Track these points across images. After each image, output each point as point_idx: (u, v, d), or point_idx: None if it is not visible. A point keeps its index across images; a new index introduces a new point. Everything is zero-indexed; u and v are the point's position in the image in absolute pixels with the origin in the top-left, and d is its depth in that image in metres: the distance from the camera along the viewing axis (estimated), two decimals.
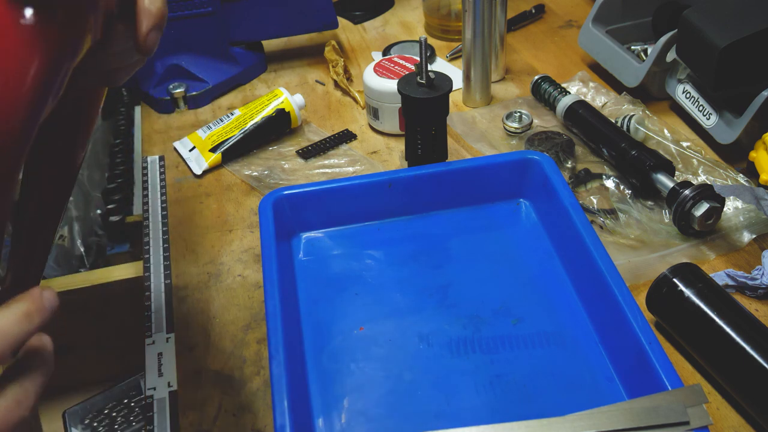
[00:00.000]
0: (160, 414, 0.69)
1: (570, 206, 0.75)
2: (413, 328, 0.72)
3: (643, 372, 0.62)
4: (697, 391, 0.58)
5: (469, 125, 1.01)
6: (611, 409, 0.58)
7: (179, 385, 0.71)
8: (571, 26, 1.24)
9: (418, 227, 0.83)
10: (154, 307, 0.79)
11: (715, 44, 0.84)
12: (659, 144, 0.93)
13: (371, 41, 1.25)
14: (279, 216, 0.78)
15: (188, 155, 1.00)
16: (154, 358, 0.74)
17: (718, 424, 0.64)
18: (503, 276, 0.76)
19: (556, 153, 0.92)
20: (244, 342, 0.74)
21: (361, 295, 0.76)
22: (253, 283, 0.81)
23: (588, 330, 0.70)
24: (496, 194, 0.84)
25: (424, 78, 0.83)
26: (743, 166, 0.89)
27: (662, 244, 0.80)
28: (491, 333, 0.71)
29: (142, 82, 1.11)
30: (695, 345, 0.68)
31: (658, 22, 1.07)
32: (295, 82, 1.16)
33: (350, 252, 0.80)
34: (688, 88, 0.96)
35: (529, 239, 0.80)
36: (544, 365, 0.68)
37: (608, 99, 1.03)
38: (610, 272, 0.68)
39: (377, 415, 0.65)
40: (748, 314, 0.66)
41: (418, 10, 1.31)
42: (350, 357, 0.69)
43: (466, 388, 0.66)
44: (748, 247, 0.80)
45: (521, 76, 1.12)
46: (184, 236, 0.88)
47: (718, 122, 0.91)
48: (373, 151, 0.99)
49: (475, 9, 0.99)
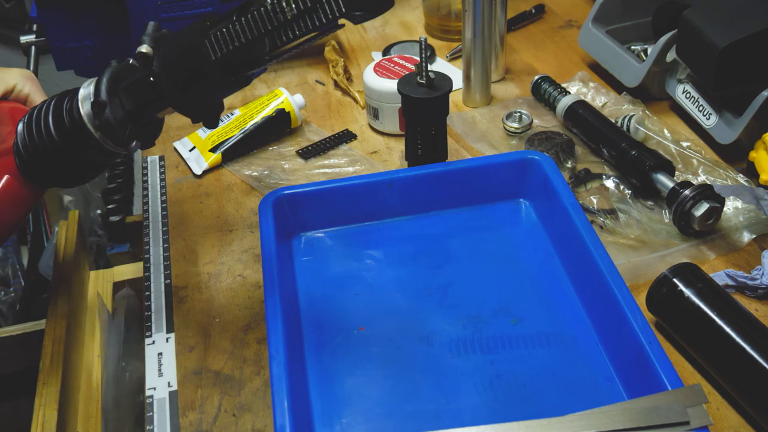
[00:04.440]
0: (159, 414, 0.69)
1: (570, 206, 0.75)
2: (413, 328, 0.72)
3: (643, 372, 0.62)
4: (697, 391, 0.58)
5: (469, 125, 1.01)
6: (611, 409, 0.58)
7: (179, 385, 0.71)
8: (571, 26, 1.24)
9: (418, 227, 0.83)
10: (154, 307, 0.79)
11: (715, 44, 0.84)
12: (659, 144, 0.93)
13: (371, 41, 1.25)
14: (279, 216, 0.78)
15: (188, 155, 1.00)
16: (154, 358, 0.74)
17: (718, 424, 0.64)
18: (503, 276, 0.76)
19: (556, 153, 0.92)
20: (244, 342, 0.74)
21: (361, 295, 0.76)
22: (253, 283, 0.81)
23: (588, 330, 0.70)
24: (496, 194, 0.84)
25: (424, 78, 0.83)
26: (743, 166, 0.89)
27: (662, 244, 0.80)
28: (491, 333, 0.71)
29: None
30: (695, 345, 0.68)
31: (658, 22, 1.07)
32: (295, 82, 1.16)
33: (350, 252, 0.80)
34: (688, 88, 0.96)
35: (529, 239, 0.80)
36: (544, 365, 0.68)
37: (608, 99, 1.03)
38: (610, 272, 0.68)
39: (377, 415, 0.65)
40: (748, 314, 0.66)
41: (418, 10, 1.31)
42: (350, 357, 0.69)
43: (466, 388, 0.66)
44: (748, 247, 0.80)
45: (521, 76, 1.12)
46: (184, 236, 0.88)
47: (718, 122, 0.91)
48: (373, 151, 0.99)
49: (475, 9, 0.99)
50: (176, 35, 0.59)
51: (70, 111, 0.62)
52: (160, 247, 0.87)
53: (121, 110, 0.61)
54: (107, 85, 0.61)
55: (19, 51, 1.16)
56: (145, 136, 0.64)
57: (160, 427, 0.68)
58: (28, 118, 0.65)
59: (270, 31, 0.54)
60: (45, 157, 0.63)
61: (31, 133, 0.64)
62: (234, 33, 0.55)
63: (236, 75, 0.59)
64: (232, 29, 0.55)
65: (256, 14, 0.54)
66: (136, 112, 0.62)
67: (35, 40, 1.12)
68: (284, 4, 0.53)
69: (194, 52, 0.56)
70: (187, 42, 0.57)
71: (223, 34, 0.55)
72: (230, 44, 0.55)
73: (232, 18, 0.56)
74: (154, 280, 0.82)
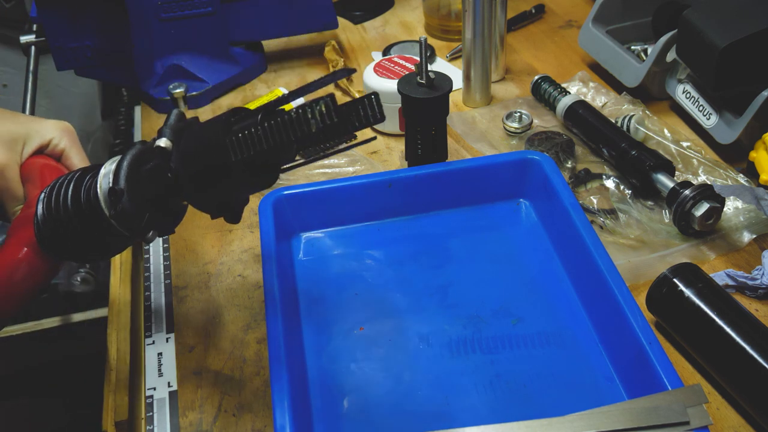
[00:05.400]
0: (159, 414, 0.69)
1: (570, 206, 0.75)
2: (413, 328, 0.72)
3: (643, 372, 0.62)
4: (697, 391, 0.58)
5: (469, 125, 1.01)
6: (611, 409, 0.58)
7: (179, 385, 0.71)
8: (571, 26, 1.24)
9: (418, 227, 0.83)
10: (154, 307, 0.79)
11: (715, 44, 0.84)
12: (659, 144, 0.93)
13: (371, 41, 1.25)
14: (279, 216, 0.78)
15: None
16: (154, 358, 0.74)
17: (718, 424, 0.64)
18: (503, 276, 0.76)
19: (556, 153, 0.92)
20: (244, 342, 0.74)
21: (361, 295, 0.76)
22: (253, 283, 0.81)
23: (588, 330, 0.70)
24: (496, 194, 0.84)
25: (424, 78, 0.83)
26: (743, 166, 0.89)
27: (662, 244, 0.80)
28: (491, 333, 0.71)
29: (142, 82, 1.11)
30: (695, 345, 0.68)
31: (658, 22, 1.07)
32: (295, 82, 1.15)
33: (350, 252, 0.80)
34: (688, 88, 0.96)
35: (529, 239, 0.80)
36: (544, 365, 0.68)
37: (608, 99, 1.03)
38: (610, 272, 0.68)
39: (377, 415, 0.65)
40: (748, 314, 0.66)
41: (418, 10, 1.31)
42: (350, 357, 0.69)
43: (466, 388, 0.66)
44: (748, 247, 0.80)
45: (521, 76, 1.12)
46: (184, 236, 0.88)
47: (718, 122, 0.91)
48: (373, 151, 0.99)
49: (475, 9, 0.99)
50: (199, 128, 0.56)
51: (88, 191, 0.58)
52: (160, 247, 0.87)
53: (140, 197, 0.56)
54: (127, 170, 0.56)
55: (19, 51, 1.16)
56: (164, 225, 0.60)
57: (160, 427, 0.68)
58: (49, 190, 0.61)
59: (293, 141, 0.51)
60: (62, 234, 0.60)
61: (50, 207, 0.60)
62: (257, 137, 0.51)
63: (259, 176, 0.55)
64: (254, 133, 0.51)
65: (280, 122, 0.50)
66: (156, 201, 0.58)
67: (35, 40, 1.12)
68: (309, 116, 0.49)
69: (214, 149, 0.53)
70: (209, 138, 0.54)
71: (245, 136, 0.51)
72: (251, 149, 0.51)
73: (257, 118, 0.52)
74: (154, 280, 0.83)
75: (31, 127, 0.68)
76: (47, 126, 0.69)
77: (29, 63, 1.17)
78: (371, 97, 0.52)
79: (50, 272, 0.64)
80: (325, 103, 0.49)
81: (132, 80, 1.11)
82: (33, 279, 0.62)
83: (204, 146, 0.54)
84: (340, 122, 0.51)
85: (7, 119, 0.68)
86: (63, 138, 0.70)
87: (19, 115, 0.70)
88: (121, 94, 1.45)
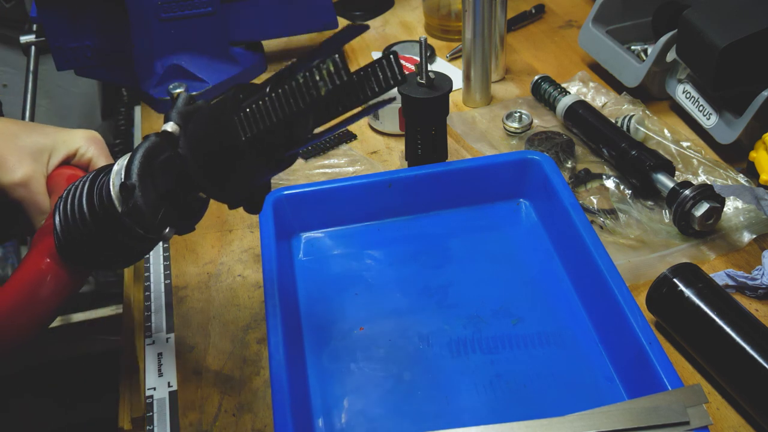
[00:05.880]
0: (160, 414, 0.69)
1: (570, 206, 0.75)
2: (413, 328, 0.72)
3: (643, 372, 0.62)
4: (697, 391, 0.58)
5: (469, 125, 1.01)
6: (611, 409, 0.58)
7: (179, 385, 0.71)
8: (571, 26, 1.24)
9: (418, 227, 0.83)
10: (154, 307, 0.79)
11: (715, 44, 0.84)
12: (659, 144, 0.93)
13: (371, 41, 1.25)
14: (279, 216, 0.78)
15: None
16: (154, 358, 0.74)
17: (718, 424, 0.64)
18: (503, 276, 0.76)
19: (556, 153, 0.92)
20: (244, 342, 0.74)
21: (361, 295, 0.76)
22: (253, 283, 0.81)
23: (588, 330, 0.70)
24: (496, 194, 0.84)
25: (424, 78, 0.83)
26: (743, 166, 0.89)
27: (662, 244, 0.80)
28: (491, 333, 0.71)
29: (142, 82, 1.11)
30: (695, 345, 0.68)
31: (658, 22, 1.07)
32: None
33: (350, 252, 0.80)
34: (688, 88, 0.96)
35: (529, 239, 0.80)
36: (544, 365, 0.68)
37: (608, 99, 1.03)
38: (610, 272, 0.68)
39: (377, 415, 0.65)
40: (748, 314, 0.66)
41: (418, 10, 1.31)
42: (350, 357, 0.70)
43: (466, 388, 0.66)
44: (748, 247, 0.80)
45: (521, 76, 1.12)
46: (184, 236, 0.88)
47: (718, 122, 0.91)
48: (373, 151, 0.99)
49: (475, 9, 0.99)
50: (207, 109, 0.52)
51: (101, 190, 0.56)
52: (160, 247, 0.87)
53: (153, 192, 0.54)
54: (140, 164, 0.54)
55: (19, 51, 1.16)
56: (183, 222, 0.57)
57: (160, 427, 0.68)
58: (65, 195, 0.59)
59: (303, 110, 0.46)
60: (79, 239, 0.57)
61: (66, 212, 0.58)
62: (265, 110, 0.47)
63: (274, 156, 0.50)
64: (263, 106, 0.47)
65: (287, 89, 0.46)
66: (171, 195, 0.54)
67: (35, 40, 1.12)
68: (317, 78, 0.45)
69: (222, 130, 0.49)
70: (216, 118, 0.50)
71: (253, 111, 0.47)
72: (261, 123, 0.47)
73: (265, 91, 0.48)
74: (154, 280, 0.83)
75: (57, 137, 0.67)
76: (74, 136, 0.68)
77: (29, 63, 1.17)
78: (389, 57, 0.47)
79: (75, 283, 0.61)
80: (332, 61, 0.45)
81: (132, 80, 1.11)
82: (57, 290, 0.60)
83: (212, 127, 0.50)
84: (357, 86, 0.47)
85: (33, 131, 0.67)
86: (90, 147, 0.68)
87: (45, 127, 0.68)
88: (121, 94, 1.45)
